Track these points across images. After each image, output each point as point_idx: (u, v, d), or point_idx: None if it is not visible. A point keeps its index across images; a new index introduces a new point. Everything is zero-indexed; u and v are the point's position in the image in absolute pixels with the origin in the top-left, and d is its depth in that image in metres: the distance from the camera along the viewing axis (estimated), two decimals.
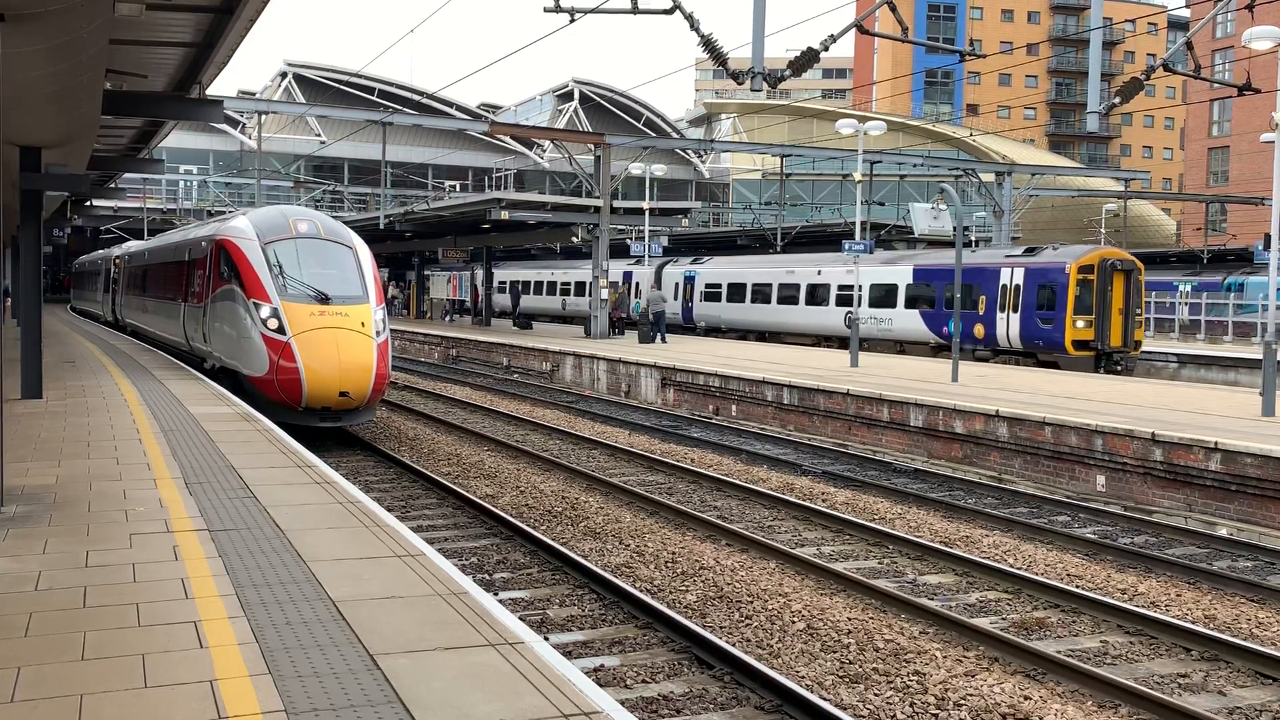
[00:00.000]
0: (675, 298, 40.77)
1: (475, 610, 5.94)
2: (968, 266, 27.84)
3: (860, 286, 30.68)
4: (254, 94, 64.83)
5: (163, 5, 10.98)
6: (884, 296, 31.25)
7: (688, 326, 40.24)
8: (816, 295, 33.79)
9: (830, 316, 32.83)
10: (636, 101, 76.89)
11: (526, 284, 51.99)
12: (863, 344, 31.53)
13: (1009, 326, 27.27)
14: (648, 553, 10.71)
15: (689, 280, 40.34)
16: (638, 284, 42.96)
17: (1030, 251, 28.05)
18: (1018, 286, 27.09)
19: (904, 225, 41.78)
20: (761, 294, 36.41)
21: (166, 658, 5.11)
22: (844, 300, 32.27)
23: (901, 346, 30.83)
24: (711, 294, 39.03)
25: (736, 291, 37.79)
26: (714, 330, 38.90)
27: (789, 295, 34.99)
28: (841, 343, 31.92)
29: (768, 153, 49.50)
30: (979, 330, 28.01)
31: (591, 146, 34.19)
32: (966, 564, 10.36)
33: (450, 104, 68.86)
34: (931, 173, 50.51)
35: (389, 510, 10.94)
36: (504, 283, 53.62)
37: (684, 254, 45.33)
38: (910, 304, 30.46)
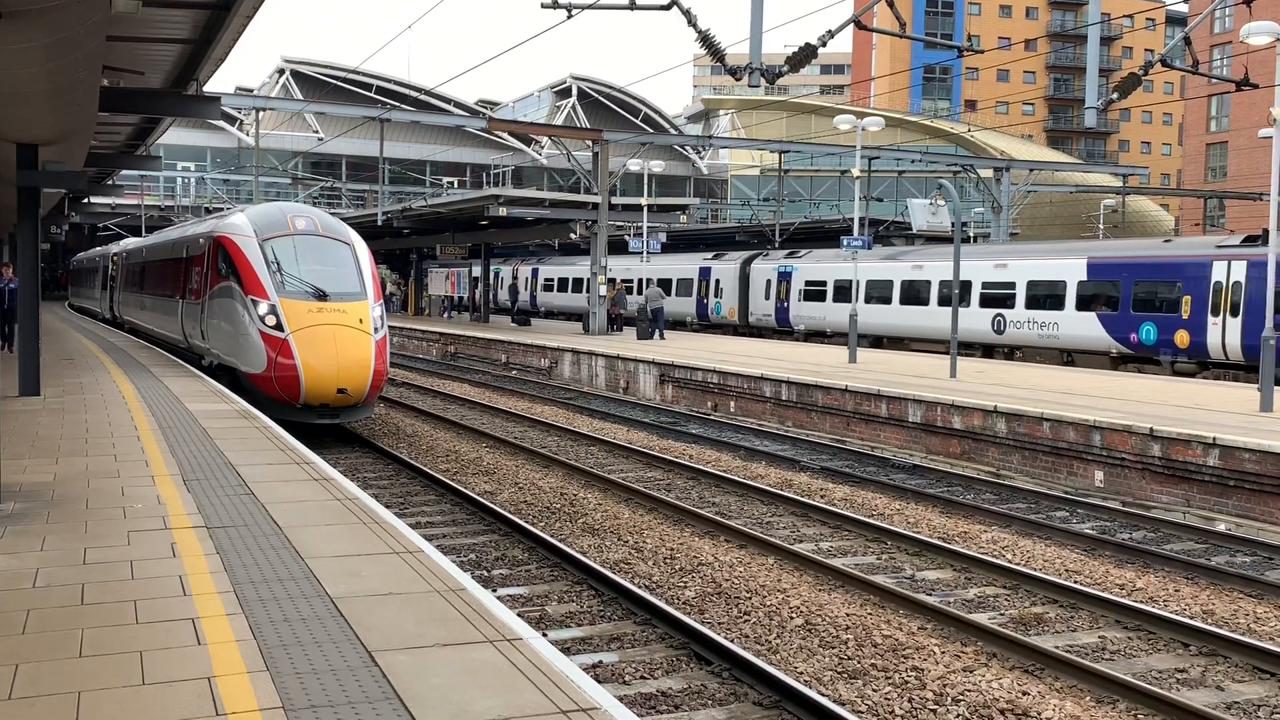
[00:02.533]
0: (767, 297, 36.97)
1: (473, 607, 5.94)
2: (1161, 260, 24.20)
3: (1015, 284, 27.19)
4: (251, 90, 64.77)
5: (159, 1, 10.96)
6: (1046, 296, 26.62)
7: (783, 329, 36.33)
8: (952, 294, 30.09)
9: (970, 320, 27.85)
10: (634, 98, 76.83)
11: (580, 282, 47.54)
12: (1013, 352, 27.58)
13: (1225, 334, 22.52)
14: (646, 549, 10.71)
15: (784, 277, 36.10)
16: (717, 281, 39.67)
17: (1251, 240, 23.20)
18: (1237, 284, 22.27)
19: (902, 221, 41.79)
20: (879, 293, 31.77)
21: (164, 655, 5.11)
22: (991, 301, 28.03)
23: (1070, 356, 26.25)
24: (814, 293, 34.64)
25: (847, 290, 32.79)
26: (817, 334, 34.66)
27: (915, 295, 30.26)
28: (986, 350, 28.33)
29: (766, 149, 49.49)
30: (1181, 338, 23.30)
31: (589, 143, 34.18)
32: (965, 559, 10.36)
33: (448, 100, 68.78)
34: (930, 168, 50.59)
35: (387, 507, 10.93)
36: (551, 279, 50.11)
37: (774, 247, 40.96)
38: (1083, 305, 25.78)
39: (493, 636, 5.46)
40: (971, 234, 45.52)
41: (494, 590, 9.10)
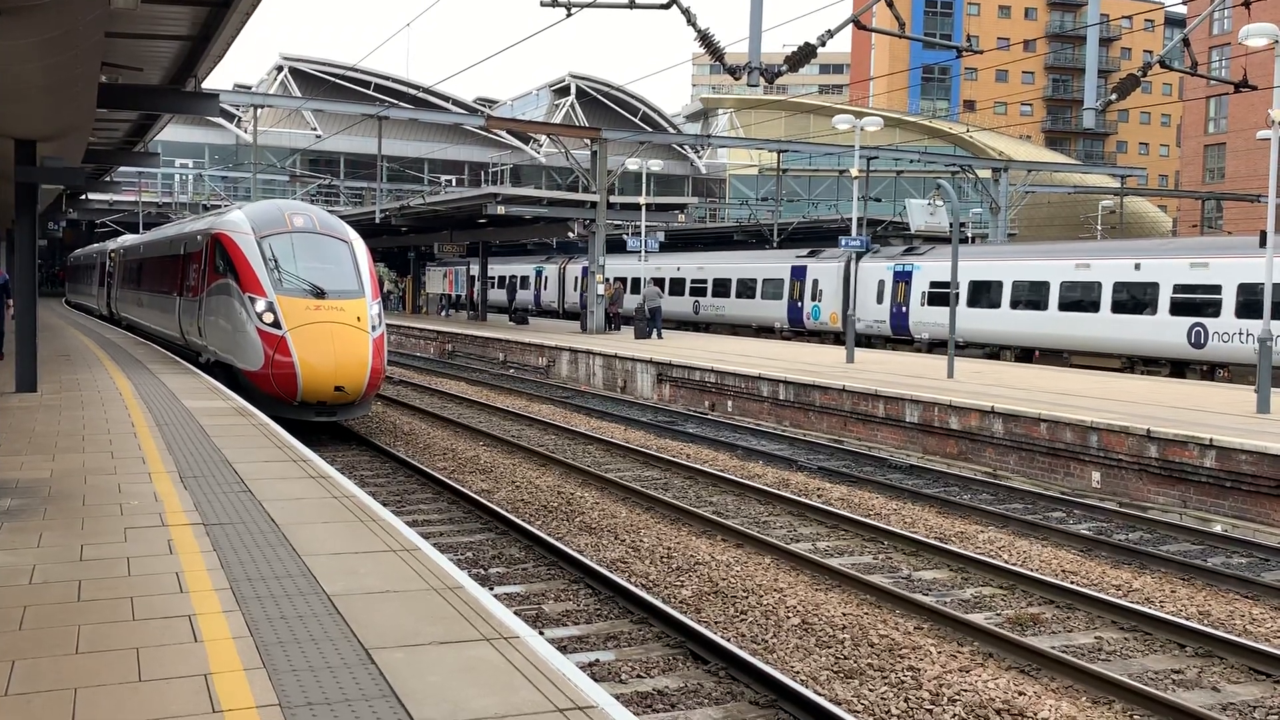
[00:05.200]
0: (880, 301, 32.27)
1: (470, 605, 5.94)
2: None
3: (1221, 287, 22.88)
4: (250, 87, 64.69)
5: None
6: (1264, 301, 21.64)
7: (899, 338, 31.52)
8: (1132, 299, 24.78)
9: (1159, 330, 23.85)
10: (633, 96, 76.78)
11: (637, 283, 42.36)
12: (1214, 370, 23.29)
13: None
14: (643, 548, 10.71)
15: (903, 278, 31.37)
16: (815, 281, 35.62)
17: None
18: None
19: (900, 221, 41.78)
20: (1031, 297, 27.12)
21: (161, 651, 5.11)
22: (1186, 308, 23.47)
23: None
24: (941, 295, 29.41)
25: (986, 293, 28.29)
26: (942, 344, 28.60)
27: (1079, 299, 25.80)
28: (1176, 369, 24.03)
29: (764, 148, 49.43)
30: None
31: (588, 141, 34.18)
32: (961, 560, 10.37)
33: (447, 98, 68.72)
34: (928, 169, 50.56)
35: (384, 505, 10.92)
36: (616, 280, 46.16)
37: (884, 244, 35.86)
38: None
39: (489, 634, 5.46)
40: (969, 234, 45.49)
41: (491, 588, 9.10)
